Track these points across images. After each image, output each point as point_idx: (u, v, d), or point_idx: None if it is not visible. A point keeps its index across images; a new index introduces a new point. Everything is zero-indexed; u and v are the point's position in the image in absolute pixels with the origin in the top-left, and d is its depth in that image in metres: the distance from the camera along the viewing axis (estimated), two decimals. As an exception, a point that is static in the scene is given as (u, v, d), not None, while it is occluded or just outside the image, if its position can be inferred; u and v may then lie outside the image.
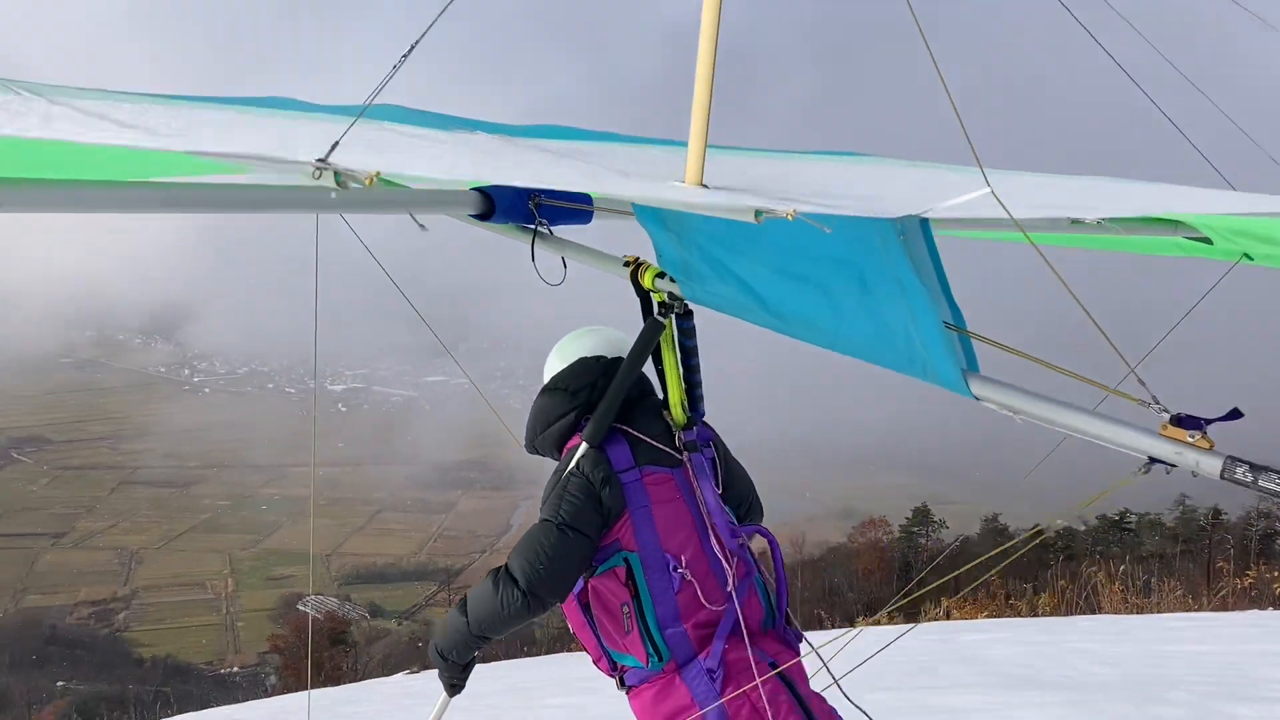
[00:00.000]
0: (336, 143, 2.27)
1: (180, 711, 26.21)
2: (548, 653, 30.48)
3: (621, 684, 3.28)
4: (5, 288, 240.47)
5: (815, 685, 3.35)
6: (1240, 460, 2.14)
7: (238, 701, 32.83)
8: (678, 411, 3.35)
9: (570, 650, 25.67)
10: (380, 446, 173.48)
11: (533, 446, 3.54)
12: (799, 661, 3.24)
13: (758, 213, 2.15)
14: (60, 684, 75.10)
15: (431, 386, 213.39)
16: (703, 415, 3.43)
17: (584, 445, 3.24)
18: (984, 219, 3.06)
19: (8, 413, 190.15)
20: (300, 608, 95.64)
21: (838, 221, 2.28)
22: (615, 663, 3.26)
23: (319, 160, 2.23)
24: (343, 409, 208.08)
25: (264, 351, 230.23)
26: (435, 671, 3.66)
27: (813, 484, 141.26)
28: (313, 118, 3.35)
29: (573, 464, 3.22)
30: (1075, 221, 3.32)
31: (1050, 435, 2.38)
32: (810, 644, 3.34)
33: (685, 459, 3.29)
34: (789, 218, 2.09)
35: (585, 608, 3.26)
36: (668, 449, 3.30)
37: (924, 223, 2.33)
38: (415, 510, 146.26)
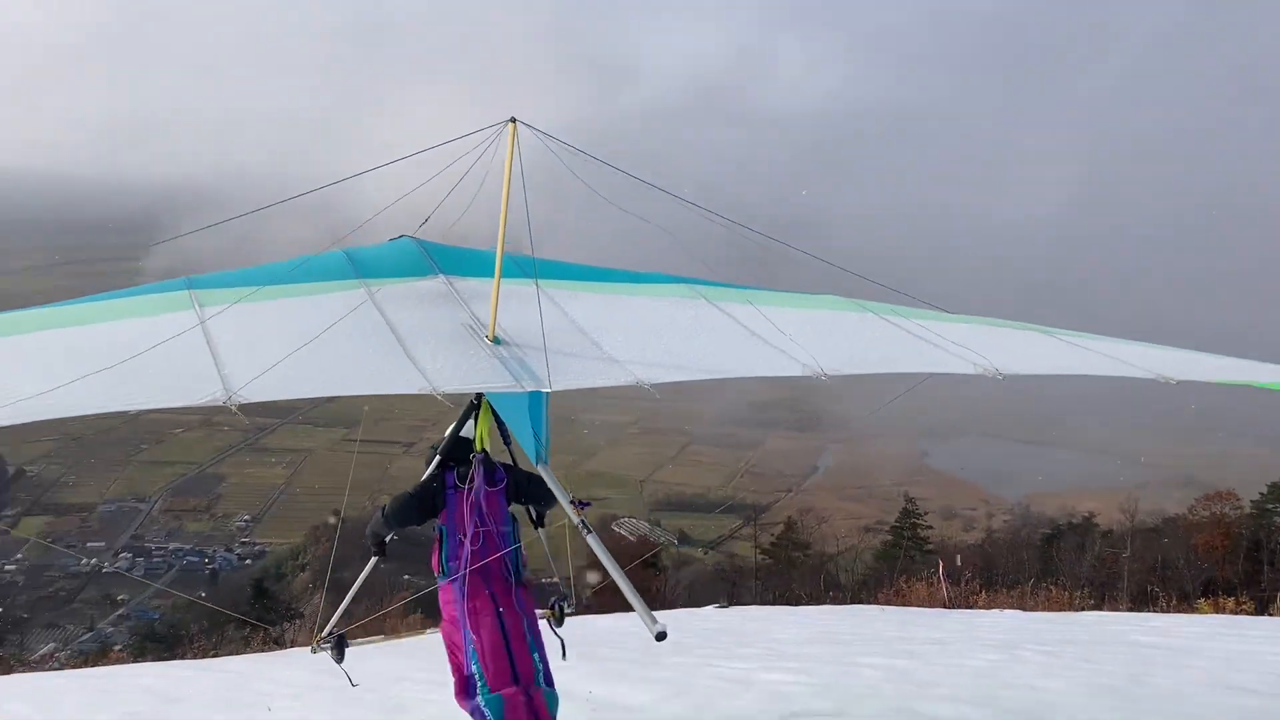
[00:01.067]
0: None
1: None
2: (852, 600, 30.09)
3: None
4: (365, 218, 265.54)
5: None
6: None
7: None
8: (479, 445, 6.18)
9: (888, 605, 25.16)
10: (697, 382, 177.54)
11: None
12: (526, 600, 6.10)
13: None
14: (406, 577, 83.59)
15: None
16: (515, 464, 6.55)
17: (437, 468, 6.28)
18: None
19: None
20: (615, 528, 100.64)
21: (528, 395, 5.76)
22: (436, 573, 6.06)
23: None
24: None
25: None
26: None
27: (1149, 448, 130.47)
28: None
29: (428, 475, 6.32)
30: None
31: None
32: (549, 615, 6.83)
33: (469, 486, 5.98)
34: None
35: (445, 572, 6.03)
36: (467, 480, 5.98)
37: (545, 395, 5.89)
38: (725, 445, 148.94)
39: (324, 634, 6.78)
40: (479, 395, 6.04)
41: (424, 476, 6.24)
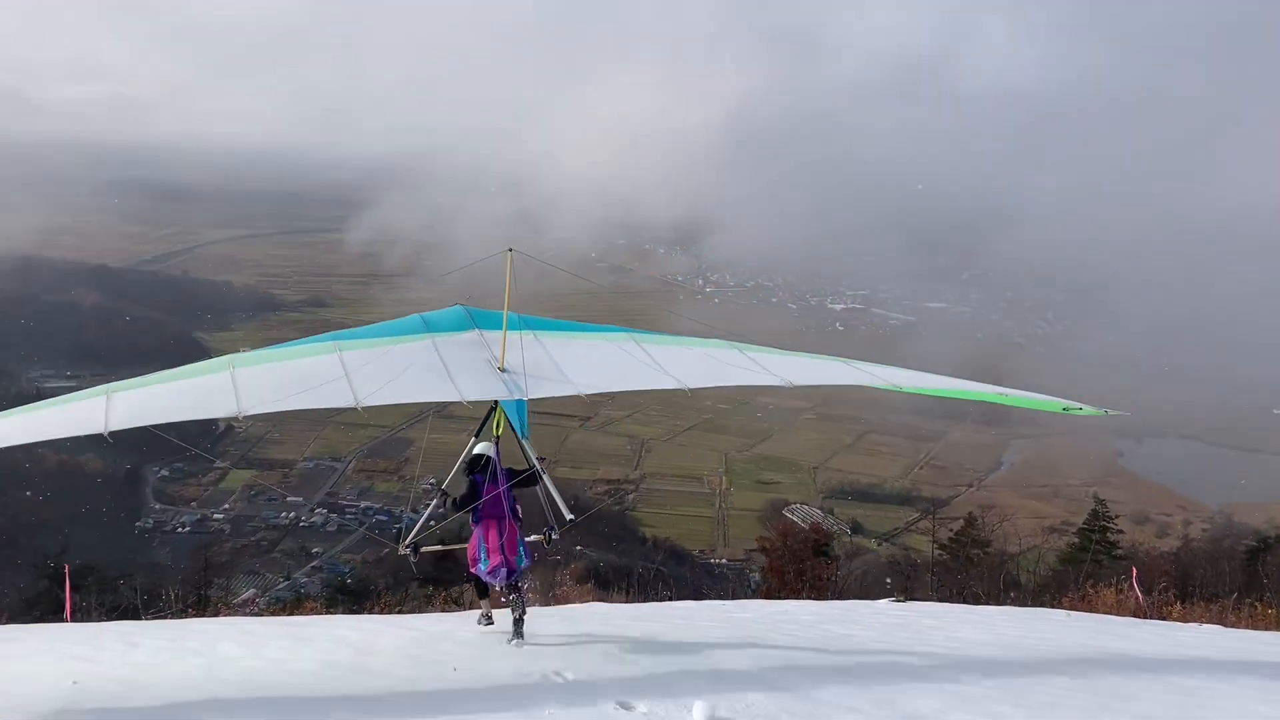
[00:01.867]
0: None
1: (676, 589, 28.45)
2: (1034, 603, 28.88)
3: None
4: (558, 195, 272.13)
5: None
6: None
7: (725, 592, 34.84)
8: (495, 431, 11.05)
9: (1073, 610, 24.18)
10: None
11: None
12: (512, 528, 10.59)
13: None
14: (579, 548, 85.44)
15: (931, 313, 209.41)
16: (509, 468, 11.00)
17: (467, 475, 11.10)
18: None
19: (553, 308, 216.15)
20: (786, 514, 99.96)
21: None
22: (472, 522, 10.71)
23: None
24: (840, 328, 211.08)
25: (770, 267, 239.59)
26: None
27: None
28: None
29: (466, 484, 11.04)
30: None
31: None
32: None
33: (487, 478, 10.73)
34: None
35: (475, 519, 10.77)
36: (489, 476, 10.65)
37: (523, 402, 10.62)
38: (904, 435, 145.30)
39: (405, 542, 11.24)
40: (495, 402, 10.49)
41: (463, 487, 11.29)
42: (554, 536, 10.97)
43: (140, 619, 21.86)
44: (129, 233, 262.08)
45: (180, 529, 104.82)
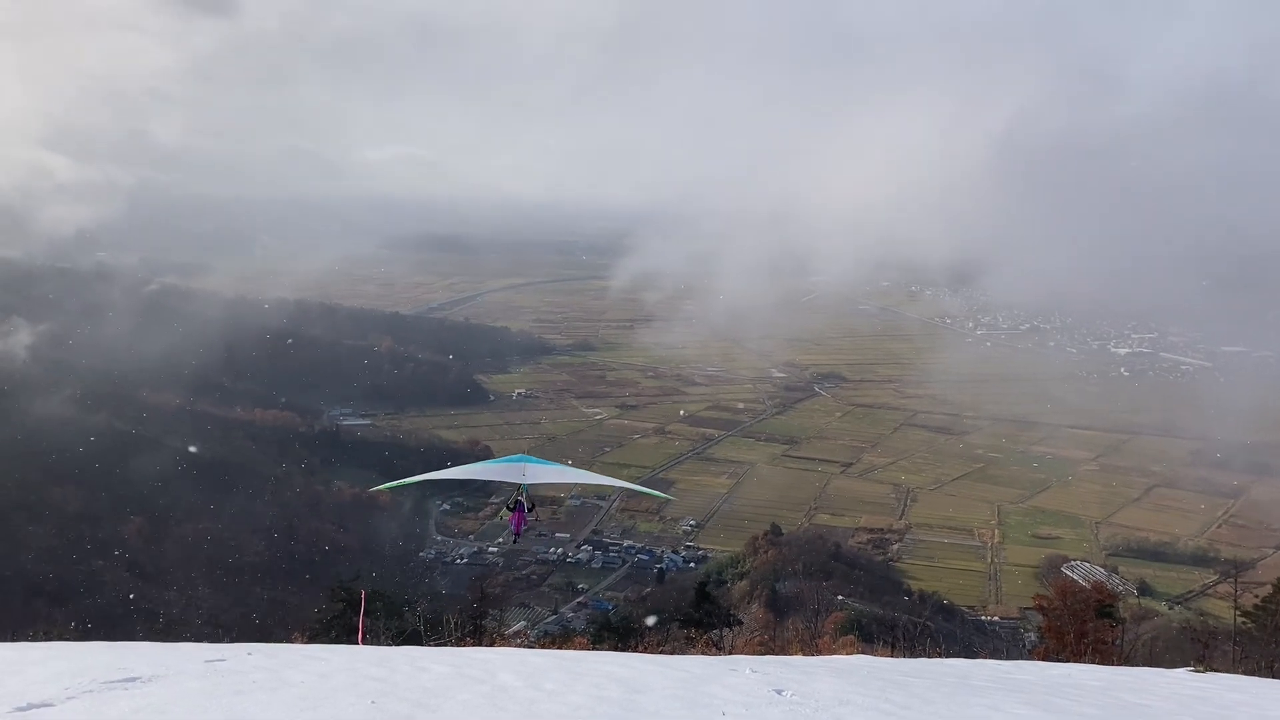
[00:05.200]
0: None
1: (945, 646, 27.28)
2: None
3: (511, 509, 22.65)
4: (823, 233, 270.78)
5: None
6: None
7: (999, 651, 33.10)
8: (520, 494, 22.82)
9: None
10: (1164, 417, 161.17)
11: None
12: (521, 516, 22.26)
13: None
14: (840, 598, 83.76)
15: (1229, 357, 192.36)
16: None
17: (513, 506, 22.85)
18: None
19: (815, 352, 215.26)
20: (1065, 571, 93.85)
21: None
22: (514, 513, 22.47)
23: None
24: (1125, 373, 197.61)
25: (1049, 308, 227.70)
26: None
27: None
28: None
29: (513, 505, 22.80)
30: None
31: None
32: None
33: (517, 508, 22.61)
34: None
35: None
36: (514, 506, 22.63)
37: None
38: (1199, 490, 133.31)
39: (510, 500, 22.08)
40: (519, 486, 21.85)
41: (511, 506, 22.10)
42: (530, 505, 22.02)
43: (424, 644, 23.34)
44: (419, 282, 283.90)
45: (459, 560, 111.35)
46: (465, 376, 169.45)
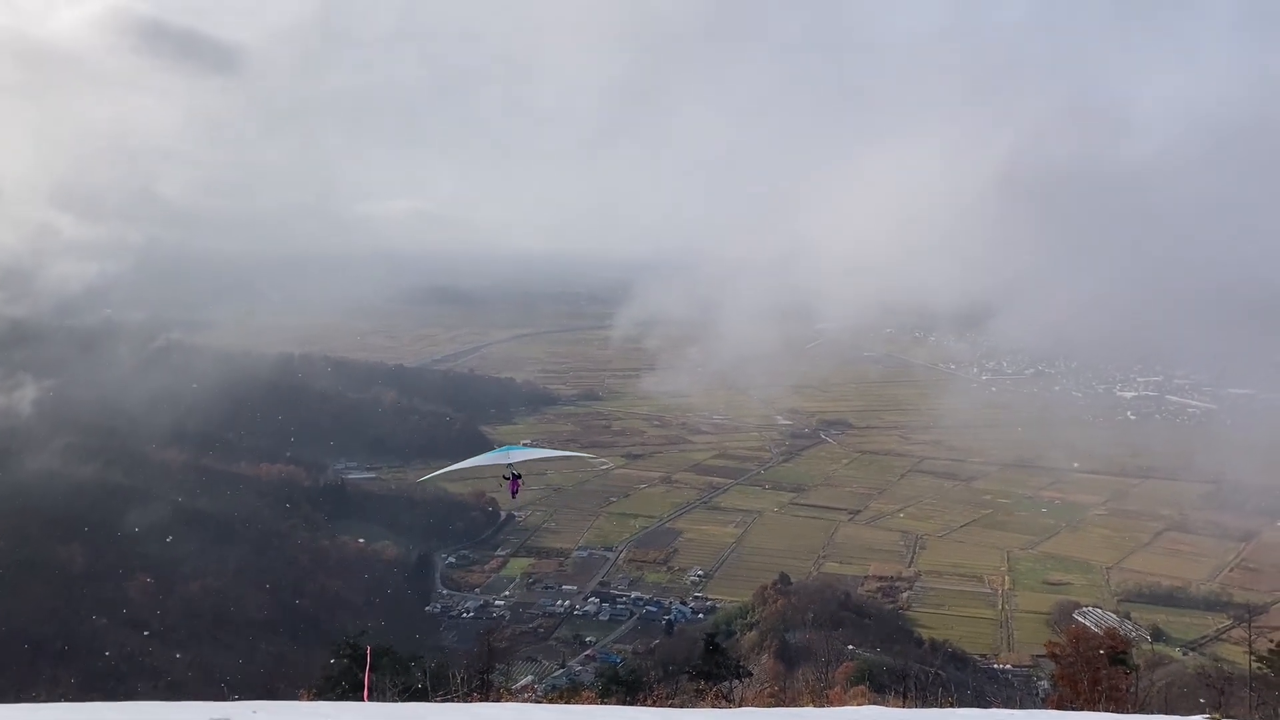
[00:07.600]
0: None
1: (957, 695, 26.98)
2: None
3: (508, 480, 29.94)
4: (829, 279, 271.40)
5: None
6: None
7: (1012, 700, 32.68)
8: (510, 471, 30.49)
9: None
10: (1172, 460, 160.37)
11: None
12: (517, 484, 29.76)
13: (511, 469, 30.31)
14: (850, 647, 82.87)
15: (1235, 399, 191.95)
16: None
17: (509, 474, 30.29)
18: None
19: (821, 399, 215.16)
20: (1077, 617, 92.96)
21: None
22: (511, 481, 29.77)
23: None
24: (1131, 416, 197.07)
25: (1054, 352, 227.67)
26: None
27: None
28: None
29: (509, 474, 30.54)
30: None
31: None
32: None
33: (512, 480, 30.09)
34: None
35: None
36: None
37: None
38: (1209, 533, 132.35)
39: (509, 468, 28.69)
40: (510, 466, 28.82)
41: (508, 476, 29.13)
42: (518, 475, 28.54)
43: (430, 699, 23.12)
44: (424, 334, 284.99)
45: (465, 614, 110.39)
46: (470, 428, 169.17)
